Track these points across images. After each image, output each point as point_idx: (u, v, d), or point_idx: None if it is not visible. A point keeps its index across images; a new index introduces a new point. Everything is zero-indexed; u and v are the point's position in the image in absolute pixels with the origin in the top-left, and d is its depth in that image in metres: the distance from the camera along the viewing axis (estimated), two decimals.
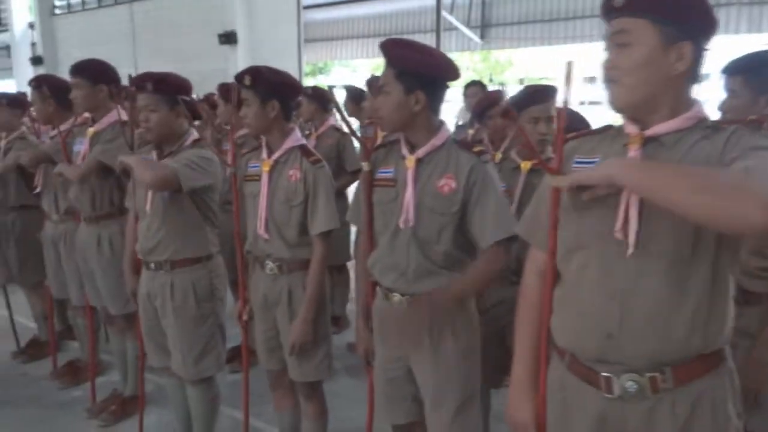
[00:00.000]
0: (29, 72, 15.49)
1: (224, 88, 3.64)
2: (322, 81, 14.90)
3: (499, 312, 2.34)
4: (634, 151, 1.21)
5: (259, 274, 2.33)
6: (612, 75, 1.22)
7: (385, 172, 1.89)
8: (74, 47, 14.39)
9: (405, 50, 1.76)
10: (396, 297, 1.86)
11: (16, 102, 3.70)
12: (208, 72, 7.93)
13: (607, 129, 1.36)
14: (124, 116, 2.94)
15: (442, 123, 1.85)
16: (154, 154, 2.50)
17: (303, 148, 2.26)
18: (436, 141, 1.81)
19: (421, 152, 1.81)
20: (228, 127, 3.54)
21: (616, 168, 1.12)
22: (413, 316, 1.77)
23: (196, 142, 2.49)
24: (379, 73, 1.97)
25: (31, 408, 3.30)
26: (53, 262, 3.40)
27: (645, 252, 1.18)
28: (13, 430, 3.09)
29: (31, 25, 15.58)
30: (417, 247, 1.80)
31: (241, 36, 10.25)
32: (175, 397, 2.75)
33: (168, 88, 2.41)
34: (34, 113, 3.72)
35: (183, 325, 2.49)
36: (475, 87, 5.11)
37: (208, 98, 4.04)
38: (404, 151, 1.84)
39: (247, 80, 2.19)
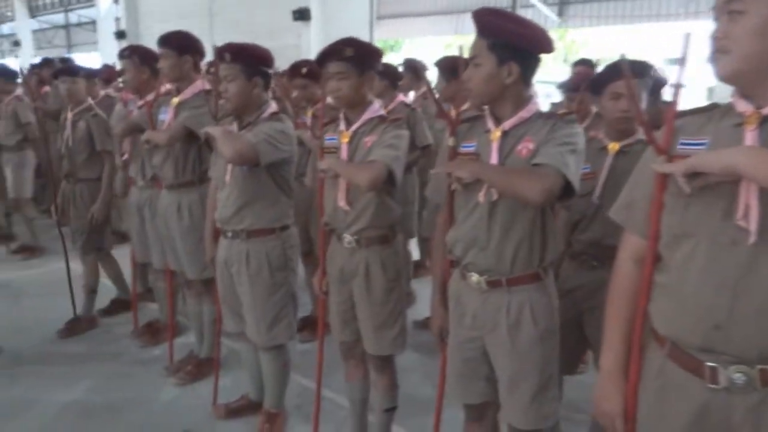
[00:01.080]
0: (113, 46, 16.15)
1: (298, 67, 3.66)
2: (393, 59, 14.82)
3: (577, 297, 2.28)
4: (751, 132, 1.13)
5: (336, 247, 2.34)
6: (722, 45, 1.14)
7: (468, 146, 1.84)
8: (155, 22, 14.86)
9: (499, 20, 1.70)
10: (474, 277, 1.83)
11: (90, 74, 3.84)
12: (281, 48, 8.01)
13: (713, 107, 1.28)
14: (208, 86, 3.01)
15: (531, 96, 1.78)
16: (234, 125, 2.55)
17: (382, 118, 2.25)
18: (523, 114, 1.75)
19: (507, 125, 1.75)
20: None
21: (742, 157, 1.05)
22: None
23: (274, 115, 2.51)
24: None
25: (113, 364, 3.48)
26: (137, 227, 3.55)
27: (762, 241, 1.11)
28: (98, 383, 3.26)
29: (116, 0, 16.17)
30: (497, 222, 1.76)
31: (314, 12, 10.33)
32: (249, 362, 2.84)
33: (245, 58, 2.43)
34: (120, 84, 3.87)
35: (257, 293, 2.55)
36: (583, 66, 4.94)
37: (283, 73, 4.10)
38: (489, 124, 1.79)
39: (348, 52, 2.17)
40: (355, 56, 2.16)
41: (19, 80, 5.22)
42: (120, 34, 15.74)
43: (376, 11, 11.08)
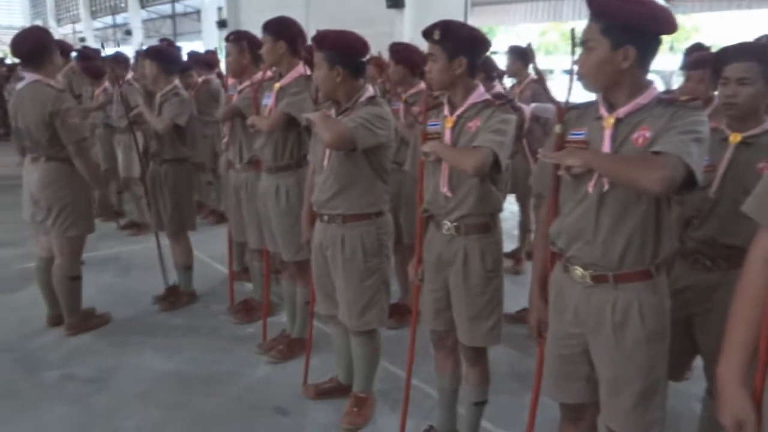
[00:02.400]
0: (215, 35, 16.88)
1: (396, 48, 3.66)
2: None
3: (688, 298, 2.13)
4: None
5: (434, 234, 2.31)
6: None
7: (577, 134, 1.74)
8: (254, 12, 15.37)
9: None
10: (578, 270, 1.74)
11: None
12: (374, 36, 8.05)
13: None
14: (309, 71, 3.05)
15: (650, 82, 1.66)
16: (333, 110, 2.56)
17: (488, 102, 2.18)
18: (641, 100, 1.63)
19: (621, 112, 1.65)
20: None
21: None
22: None
23: (371, 99, 2.50)
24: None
25: (210, 338, 3.63)
26: (234, 208, 3.67)
27: None
28: (196, 355, 3.42)
29: None
30: (607, 214, 1.66)
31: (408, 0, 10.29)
32: (339, 345, 2.87)
33: (328, 46, 2.42)
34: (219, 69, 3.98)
35: (350, 277, 2.56)
36: (697, 52, 4.64)
37: (375, 59, 4.12)
38: (602, 110, 1.69)
39: (436, 35, 2.14)
40: (444, 39, 2.11)
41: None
42: (221, 23, 16.44)
43: None
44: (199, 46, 17.79)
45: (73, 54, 6.24)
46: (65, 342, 3.53)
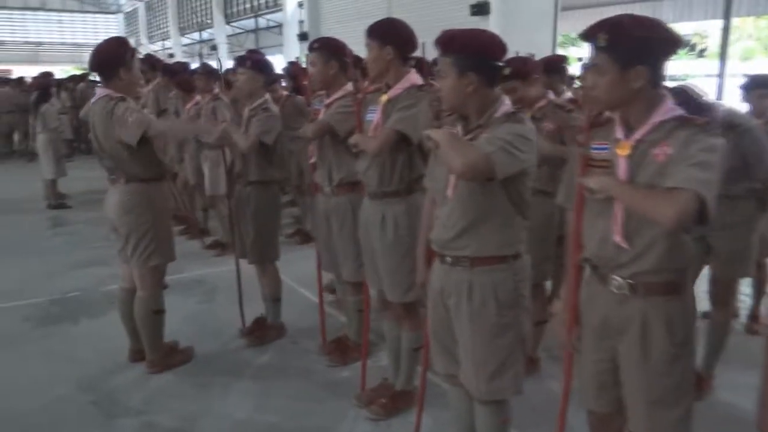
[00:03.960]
0: (296, 47, 16.90)
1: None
2: (573, 53, 13.67)
3: None
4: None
5: (599, 291, 1.77)
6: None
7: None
8: (334, 23, 15.27)
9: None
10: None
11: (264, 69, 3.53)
12: None
13: None
14: (420, 81, 2.58)
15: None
16: (459, 127, 2.07)
17: (684, 120, 1.62)
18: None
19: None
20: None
21: None
22: None
23: (511, 115, 1.98)
24: None
25: (302, 382, 3.20)
26: (324, 236, 3.24)
27: None
28: (286, 404, 3.00)
29: (300, 5, 16.86)
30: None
31: (493, 6, 9.82)
32: (459, 411, 2.34)
33: (458, 48, 1.95)
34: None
35: (479, 333, 2.05)
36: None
37: None
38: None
39: (601, 40, 1.61)
40: (613, 45, 1.60)
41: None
42: (303, 36, 16.44)
43: (561, 2, 10.18)
44: (280, 60, 17.92)
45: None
46: (147, 381, 3.20)
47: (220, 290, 4.52)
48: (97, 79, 3.21)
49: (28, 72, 17.82)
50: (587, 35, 1.68)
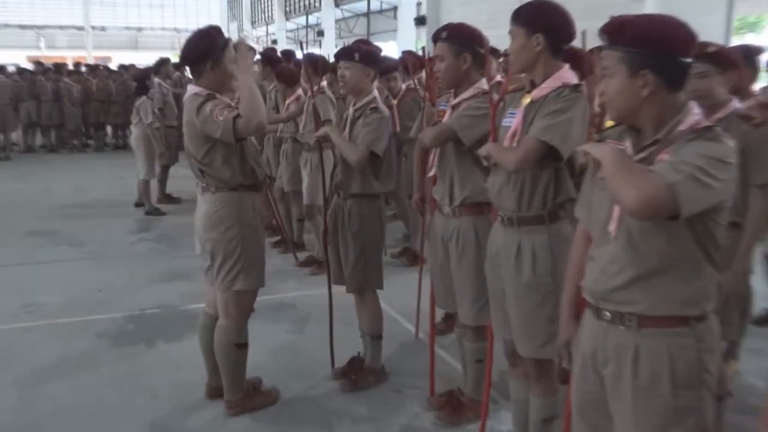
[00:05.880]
0: (412, 33, 16.95)
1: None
2: (750, 39, 12.61)
3: None
4: None
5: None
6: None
7: None
8: (457, 5, 15.15)
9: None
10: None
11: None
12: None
13: None
14: (575, 79, 2.34)
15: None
16: (628, 143, 1.81)
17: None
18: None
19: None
20: None
21: None
22: None
23: (703, 131, 1.69)
24: None
25: None
26: (440, 265, 3.08)
27: None
28: None
29: None
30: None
31: None
32: None
33: (630, 40, 1.73)
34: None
35: (646, 418, 1.79)
36: None
37: None
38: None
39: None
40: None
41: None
42: (420, 20, 16.47)
43: None
44: (393, 47, 18.06)
45: (256, 57, 6.20)
46: (223, 426, 3.17)
47: (312, 318, 4.46)
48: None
49: (128, 59, 19.30)
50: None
